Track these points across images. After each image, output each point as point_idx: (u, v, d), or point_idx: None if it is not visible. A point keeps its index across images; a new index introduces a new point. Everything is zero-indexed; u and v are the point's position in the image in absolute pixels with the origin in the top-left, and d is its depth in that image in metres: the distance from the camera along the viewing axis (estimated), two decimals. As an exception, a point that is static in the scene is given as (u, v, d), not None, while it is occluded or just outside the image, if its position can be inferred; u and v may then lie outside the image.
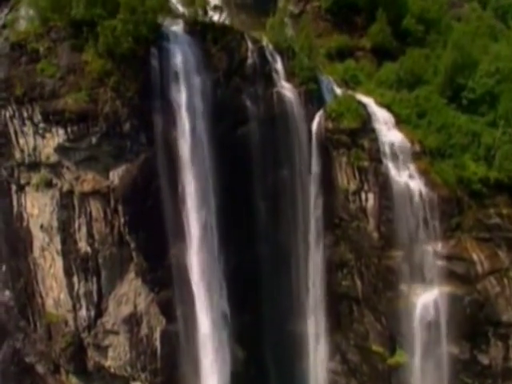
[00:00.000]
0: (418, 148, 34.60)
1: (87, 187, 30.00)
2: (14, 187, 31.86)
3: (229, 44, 34.66)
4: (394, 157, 34.39)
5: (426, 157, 34.28)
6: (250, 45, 36.18)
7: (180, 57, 30.68)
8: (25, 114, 29.79)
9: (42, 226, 31.19)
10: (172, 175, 29.91)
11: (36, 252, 32.12)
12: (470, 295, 30.96)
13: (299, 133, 36.13)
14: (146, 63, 29.75)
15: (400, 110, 36.29)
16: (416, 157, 34.31)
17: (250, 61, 35.30)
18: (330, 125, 36.01)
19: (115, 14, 28.64)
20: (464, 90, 37.01)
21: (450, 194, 32.75)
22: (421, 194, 32.91)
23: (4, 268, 33.37)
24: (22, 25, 32.11)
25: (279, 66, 38.20)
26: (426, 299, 31.72)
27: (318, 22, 48.89)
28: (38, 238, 31.77)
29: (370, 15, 47.94)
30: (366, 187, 34.63)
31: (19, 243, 32.51)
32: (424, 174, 33.45)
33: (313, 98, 37.88)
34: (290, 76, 38.21)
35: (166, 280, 30.89)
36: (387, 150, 34.61)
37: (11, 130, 30.82)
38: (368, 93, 39.89)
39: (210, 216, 30.71)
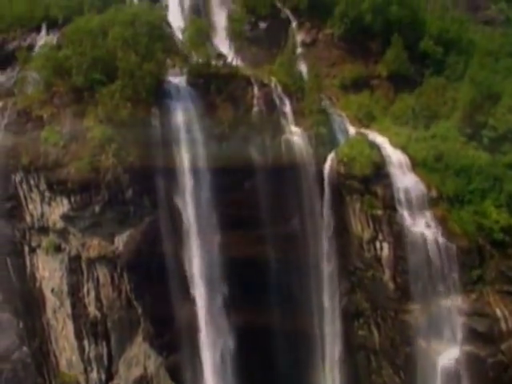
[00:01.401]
0: (434, 194, 32.87)
1: (93, 253, 30.19)
2: (26, 248, 32.51)
3: (234, 93, 34.03)
4: (410, 204, 32.82)
5: (443, 203, 32.51)
6: (256, 91, 35.41)
7: (182, 116, 30.31)
8: (31, 182, 30.31)
9: (52, 290, 31.68)
10: (176, 239, 29.66)
11: (49, 313, 32.67)
12: (493, 357, 29.14)
13: (309, 180, 35.03)
14: (146, 125, 29.58)
15: (416, 151, 34.52)
16: (433, 203, 32.62)
17: (256, 108, 34.57)
18: (342, 169, 34.74)
19: (114, 79, 28.59)
20: (484, 128, 34.94)
21: (469, 245, 30.91)
22: (438, 245, 31.22)
23: (21, 325, 34.10)
24: (30, 87, 32.60)
25: (288, 108, 37.30)
26: (446, 359, 30.08)
27: (331, 50, 47.36)
28: (50, 300, 32.30)
29: (386, 40, 46.30)
30: (380, 236, 33.23)
31: (33, 302, 33.12)
32: (441, 222, 31.74)
33: (324, 140, 36.87)
34: (299, 118, 37.30)
35: (174, 344, 30.70)
36: (402, 196, 33.07)
37: (21, 194, 31.41)
38: (383, 131, 38.37)
39: (216, 276, 30.20)
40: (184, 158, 29.64)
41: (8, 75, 36.66)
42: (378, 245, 33.59)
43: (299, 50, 46.78)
